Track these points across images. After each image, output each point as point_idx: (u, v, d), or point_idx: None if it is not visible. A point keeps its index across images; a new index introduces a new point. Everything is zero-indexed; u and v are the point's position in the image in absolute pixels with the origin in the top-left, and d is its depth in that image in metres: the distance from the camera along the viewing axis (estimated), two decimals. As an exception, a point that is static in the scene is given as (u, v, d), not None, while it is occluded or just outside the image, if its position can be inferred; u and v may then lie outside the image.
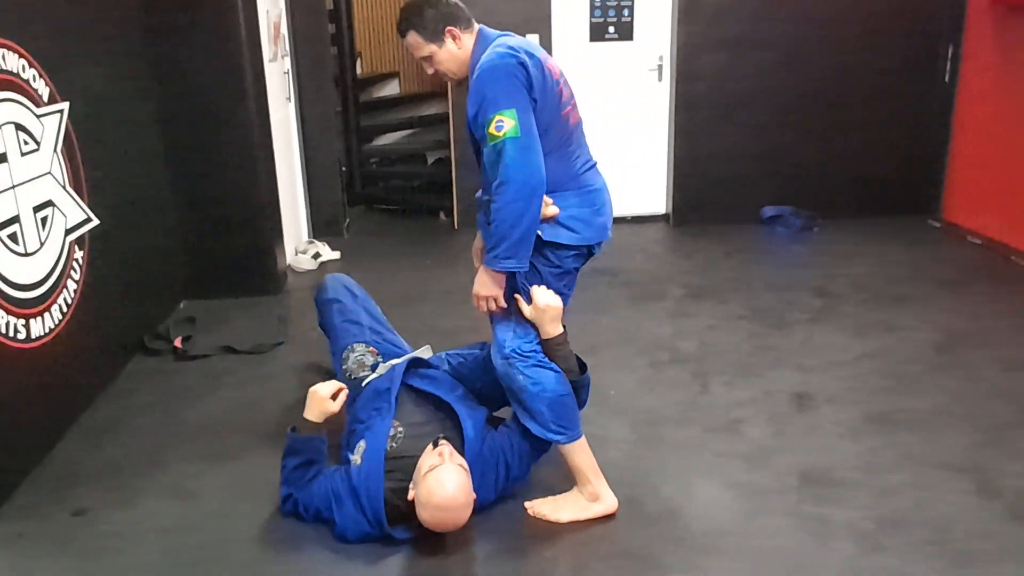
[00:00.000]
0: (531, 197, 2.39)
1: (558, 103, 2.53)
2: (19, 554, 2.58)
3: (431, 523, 2.42)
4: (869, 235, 5.75)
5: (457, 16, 2.55)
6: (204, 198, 4.63)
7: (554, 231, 2.57)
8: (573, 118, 2.62)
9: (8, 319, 2.91)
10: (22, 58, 3.10)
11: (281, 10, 5.51)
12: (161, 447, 3.20)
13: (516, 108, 2.38)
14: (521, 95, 2.40)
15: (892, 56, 5.91)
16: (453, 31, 2.53)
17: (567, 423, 2.63)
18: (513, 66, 2.41)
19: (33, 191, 3.14)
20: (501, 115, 2.37)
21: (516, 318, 2.62)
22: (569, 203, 2.59)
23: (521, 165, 2.37)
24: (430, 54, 2.56)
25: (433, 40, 2.54)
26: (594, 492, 2.67)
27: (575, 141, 2.63)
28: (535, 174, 2.39)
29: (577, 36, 5.99)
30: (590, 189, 2.64)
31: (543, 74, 2.48)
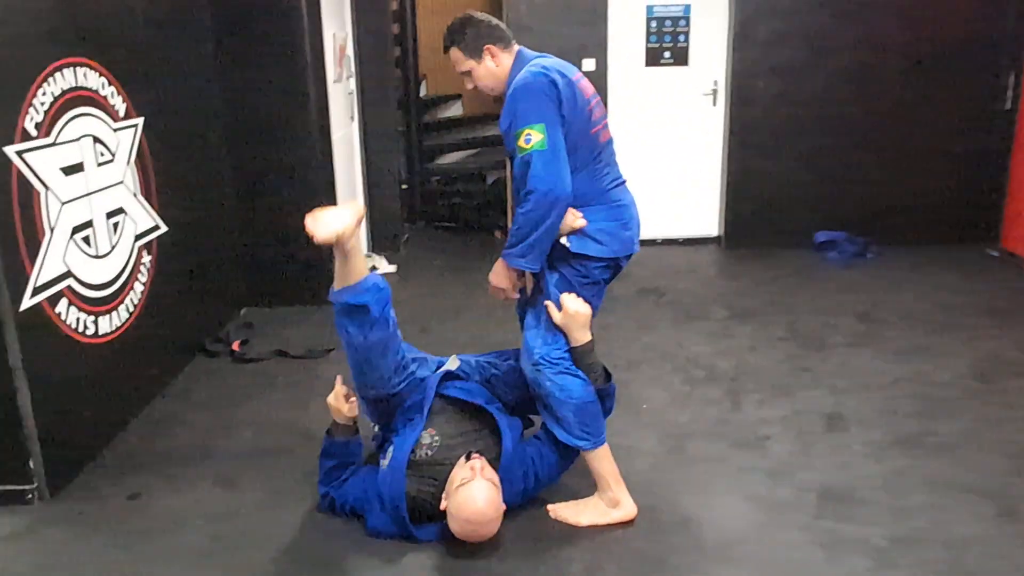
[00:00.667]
0: (552, 207, 2.55)
1: (588, 121, 2.68)
2: (78, 531, 2.81)
3: (460, 534, 2.56)
4: (923, 263, 5.69)
5: (496, 36, 2.74)
6: (265, 211, 4.89)
7: (582, 243, 2.70)
8: (603, 136, 2.76)
9: (80, 315, 3.17)
10: (102, 76, 3.38)
11: (347, 33, 5.78)
12: (213, 441, 3.42)
13: (544, 123, 2.55)
14: (550, 111, 2.57)
15: (952, 84, 5.87)
16: (491, 49, 2.73)
17: (592, 429, 2.73)
18: (545, 84, 2.58)
19: (107, 198, 3.41)
20: (530, 129, 2.54)
21: (546, 326, 2.75)
22: (597, 217, 2.72)
23: (545, 176, 2.53)
24: (469, 69, 2.77)
25: (472, 56, 2.74)
26: (614, 498, 2.77)
27: (605, 158, 2.76)
28: (558, 185, 2.54)
29: (633, 61, 6.12)
30: (618, 204, 2.77)
31: (574, 93, 2.63)
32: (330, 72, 5.20)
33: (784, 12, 5.79)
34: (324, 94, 5.02)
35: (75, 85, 3.19)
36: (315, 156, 4.86)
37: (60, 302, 3.05)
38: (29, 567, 2.61)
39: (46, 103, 3.00)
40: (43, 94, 2.99)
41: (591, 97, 2.73)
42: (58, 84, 3.08)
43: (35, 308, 2.90)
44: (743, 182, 6.12)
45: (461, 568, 2.56)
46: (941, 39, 5.78)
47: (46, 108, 3.00)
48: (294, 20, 4.63)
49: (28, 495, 2.91)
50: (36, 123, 2.94)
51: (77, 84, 3.20)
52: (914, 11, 5.75)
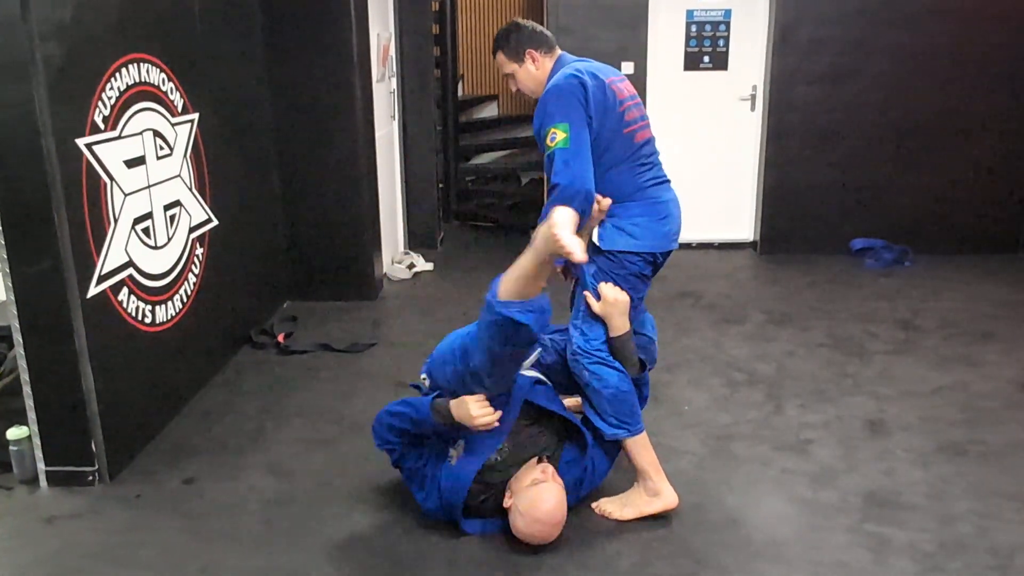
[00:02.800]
0: (571, 200, 2.63)
1: (620, 121, 2.78)
2: (137, 512, 2.89)
3: (525, 533, 2.59)
4: (963, 271, 5.68)
5: (538, 42, 2.91)
6: (310, 206, 4.97)
7: (612, 238, 2.81)
8: (640, 136, 2.84)
9: (139, 304, 3.25)
10: (163, 72, 3.47)
11: (391, 33, 5.85)
12: (262, 429, 3.49)
13: (569, 123, 2.68)
14: (576, 112, 2.70)
15: (991, 92, 5.84)
16: (533, 53, 2.90)
17: (627, 418, 2.80)
18: (573, 86, 2.72)
19: (165, 191, 3.49)
20: (555, 128, 2.68)
21: (583, 317, 2.84)
22: (631, 212, 2.82)
23: (564, 173, 2.64)
24: (512, 72, 2.95)
25: (515, 60, 2.93)
26: (655, 487, 2.82)
27: (643, 157, 2.85)
28: (575, 181, 2.63)
29: (672, 65, 6.14)
30: (655, 201, 2.85)
31: (605, 94, 2.75)
32: (374, 71, 5.27)
33: (825, 18, 5.80)
34: (369, 92, 5.09)
35: (139, 80, 3.28)
36: (359, 153, 4.93)
37: (122, 291, 3.13)
38: (93, 547, 2.69)
39: (113, 98, 3.09)
40: (110, 89, 3.07)
41: (627, 98, 2.83)
42: (124, 79, 3.16)
43: (100, 296, 2.98)
44: (780, 187, 6.13)
45: (513, 562, 2.60)
46: (983, 47, 5.76)
47: (112, 102, 3.09)
48: (342, 19, 4.71)
49: (89, 476, 3.00)
50: (104, 117, 3.03)
51: (141, 80, 3.29)
52: (955, 19, 5.73)
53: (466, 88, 8.51)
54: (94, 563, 2.62)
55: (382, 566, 2.60)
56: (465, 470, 2.67)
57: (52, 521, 2.84)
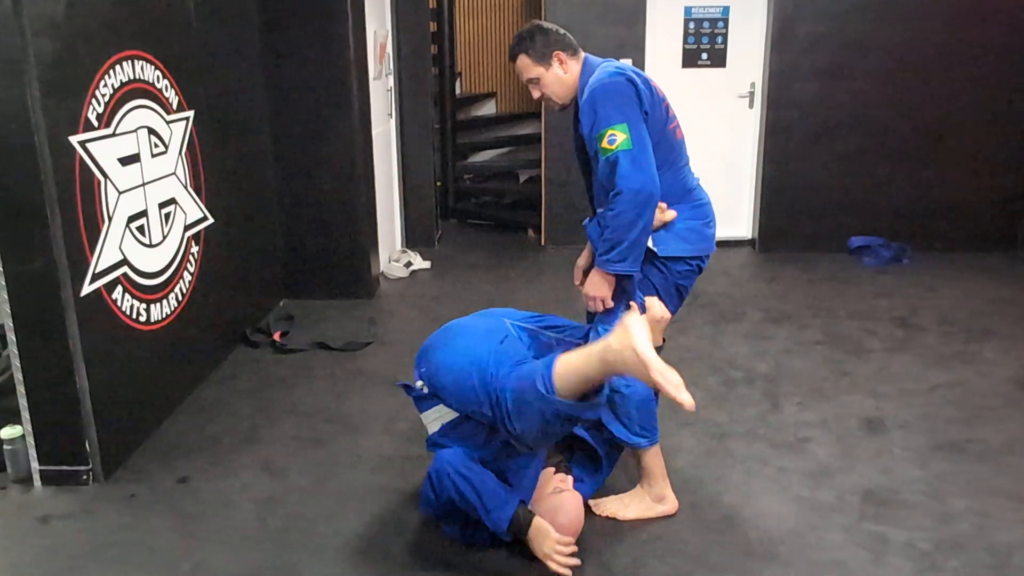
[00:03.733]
0: (644, 205, 2.54)
1: (666, 118, 2.70)
2: (131, 511, 2.88)
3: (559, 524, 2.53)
4: (960, 269, 5.67)
5: (565, 43, 2.75)
6: (307, 204, 4.96)
7: (668, 244, 2.71)
8: (678, 134, 2.78)
9: (134, 302, 3.24)
10: (158, 69, 3.45)
11: (388, 31, 5.83)
12: (257, 428, 3.48)
13: (628, 122, 2.55)
14: (632, 109, 2.57)
15: (990, 90, 5.83)
16: (560, 56, 2.73)
17: (649, 428, 2.78)
18: (623, 83, 2.60)
19: (160, 189, 3.48)
20: (613, 129, 2.54)
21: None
22: (684, 215, 2.74)
23: (633, 175, 2.52)
24: (538, 76, 2.76)
25: (541, 63, 2.74)
26: (660, 493, 2.81)
27: (684, 157, 2.79)
28: (647, 184, 2.53)
29: (670, 62, 6.13)
30: (701, 203, 2.80)
31: (651, 90, 2.66)
32: (371, 68, 5.25)
33: (823, 15, 5.78)
34: (366, 90, 5.07)
35: (133, 77, 3.26)
36: (356, 151, 4.92)
37: (116, 289, 3.12)
38: (86, 546, 2.68)
39: (107, 94, 3.07)
40: (104, 86, 3.06)
41: (663, 96, 2.75)
42: (118, 76, 3.15)
43: (94, 294, 2.97)
44: (778, 185, 6.12)
45: (506, 560, 2.59)
46: (980, 44, 5.75)
47: (107, 99, 3.07)
48: (339, 16, 4.69)
49: (83, 476, 2.99)
50: (97, 114, 3.01)
51: (135, 77, 3.27)
52: (953, 16, 5.72)
53: (464, 86, 8.49)
54: (88, 562, 2.60)
55: (375, 565, 2.58)
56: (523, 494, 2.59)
57: (46, 520, 2.83)
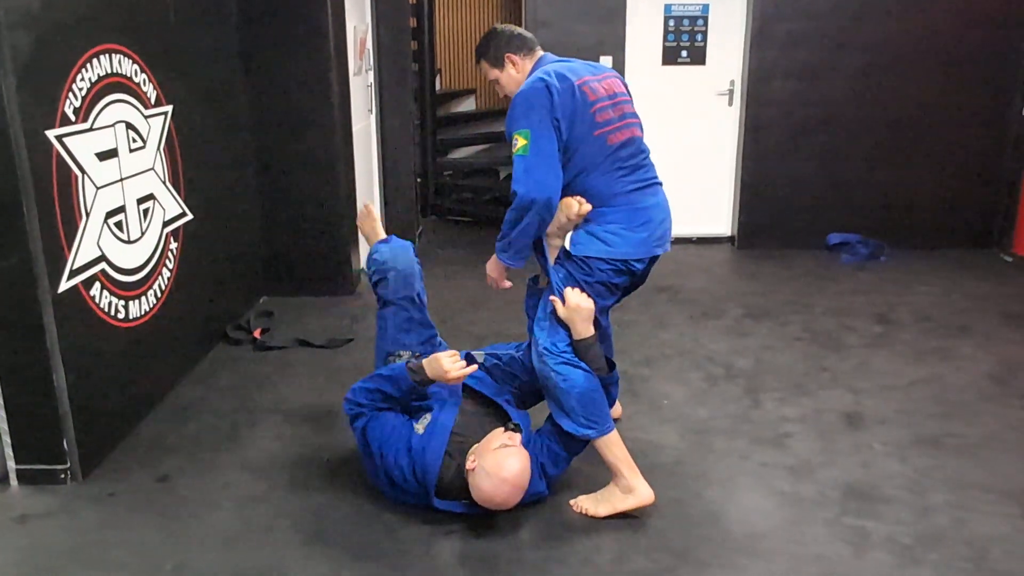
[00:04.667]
0: (527, 209, 2.68)
1: (592, 124, 2.74)
2: (110, 511, 2.85)
3: (488, 493, 2.58)
4: (937, 266, 5.73)
5: (516, 45, 2.91)
6: (287, 200, 4.92)
7: (583, 245, 2.79)
8: (615, 138, 2.79)
9: (112, 299, 3.20)
10: (136, 63, 3.41)
11: (368, 26, 5.80)
12: (238, 426, 3.45)
13: (530, 128, 2.67)
14: (537, 117, 2.68)
15: (967, 88, 5.89)
16: (512, 57, 2.91)
17: (596, 418, 2.79)
18: (539, 90, 2.71)
19: (138, 185, 3.43)
20: (517, 134, 2.70)
21: (551, 319, 2.82)
22: (606, 218, 2.80)
23: (522, 180, 2.67)
24: (496, 78, 2.97)
25: (496, 66, 2.94)
26: (628, 484, 2.81)
27: (620, 160, 2.80)
28: (533, 190, 2.66)
29: (650, 59, 6.14)
30: (636, 207, 2.81)
31: (573, 97, 2.71)
32: (352, 64, 5.22)
33: (801, 14, 5.82)
34: (346, 86, 5.04)
35: (111, 71, 3.22)
36: (336, 147, 4.89)
37: (94, 285, 3.08)
38: (64, 546, 2.65)
39: (84, 89, 3.03)
40: (81, 80, 3.01)
41: (601, 99, 2.77)
42: (95, 70, 3.10)
43: (71, 291, 2.93)
44: (757, 182, 6.15)
45: (492, 556, 2.59)
46: (958, 43, 5.81)
47: (84, 94, 3.03)
48: (318, 11, 4.65)
49: (61, 474, 2.95)
50: (75, 108, 2.97)
51: (113, 71, 3.23)
52: (931, 15, 5.77)
53: (444, 82, 8.47)
54: (67, 562, 2.57)
55: (359, 562, 2.57)
56: (438, 434, 2.72)
57: (23, 520, 2.79)
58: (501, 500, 2.59)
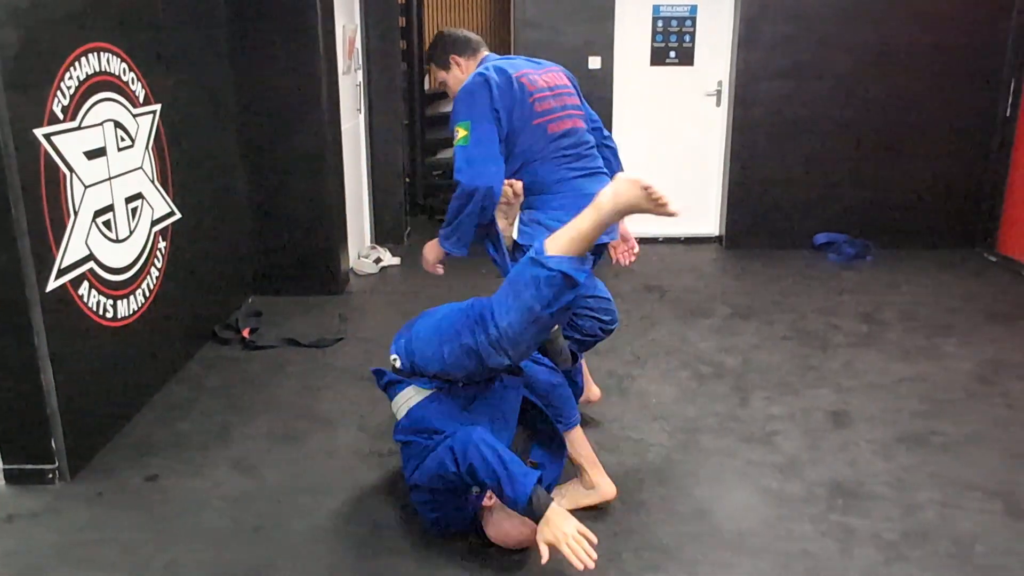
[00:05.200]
0: (469, 197, 2.76)
1: (531, 113, 2.83)
2: (99, 510, 2.84)
3: (506, 531, 2.49)
4: (922, 266, 5.78)
5: (460, 47, 3.03)
6: (276, 200, 4.92)
7: (528, 234, 2.84)
8: (556, 127, 2.87)
9: (100, 298, 3.19)
10: (124, 62, 3.40)
11: (356, 25, 5.80)
12: (227, 426, 3.44)
13: (470, 120, 2.77)
14: (477, 109, 2.77)
15: (953, 90, 5.95)
16: (456, 59, 3.02)
17: (563, 412, 2.82)
18: (478, 83, 2.80)
19: (126, 183, 3.42)
20: (458, 126, 2.80)
21: None
22: (550, 205, 2.86)
23: (465, 169, 2.76)
24: (443, 79, 3.09)
25: (443, 67, 3.06)
26: (590, 480, 2.83)
27: (564, 149, 2.89)
28: (474, 179, 2.74)
29: (639, 60, 6.16)
30: (580, 194, 2.83)
31: (512, 88, 2.80)
32: (340, 63, 5.22)
33: (789, 15, 5.85)
34: (335, 85, 5.04)
35: (99, 70, 3.21)
36: (325, 146, 4.88)
37: (82, 285, 3.07)
38: (53, 546, 2.64)
39: (72, 87, 3.02)
40: (69, 78, 3.00)
41: (540, 89, 2.86)
42: (83, 69, 3.09)
43: (59, 290, 2.92)
44: (745, 182, 6.18)
45: (481, 556, 2.59)
46: (944, 45, 5.85)
47: (72, 92, 3.02)
48: (307, 10, 4.65)
49: (49, 475, 2.94)
50: (63, 107, 2.96)
51: (101, 69, 3.22)
52: (916, 17, 5.82)
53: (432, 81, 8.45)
54: (55, 562, 2.56)
55: (349, 562, 2.57)
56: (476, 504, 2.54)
57: (11, 520, 2.78)
58: (518, 541, 2.52)
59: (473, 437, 2.39)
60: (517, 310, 2.40)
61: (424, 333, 2.66)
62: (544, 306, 2.37)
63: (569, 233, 2.39)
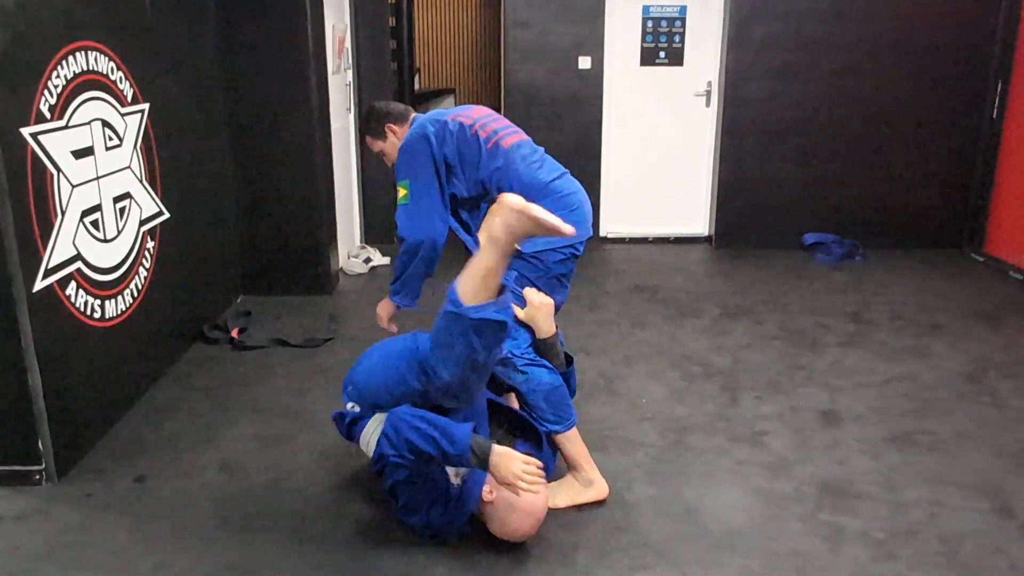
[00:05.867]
0: (415, 252, 2.90)
1: (479, 142, 2.90)
2: (86, 511, 2.82)
3: (514, 526, 2.53)
4: (910, 266, 5.81)
5: (395, 116, 3.13)
6: (265, 199, 4.90)
7: (532, 241, 2.79)
8: (507, 142, 2.94)
9: (87, 298, 3.17)
10: (112, 60, 3.38)
11: (346, 25, 5.79)
12: (216, 426, 3.43)
13: (409, 179, 2.88)
14: (416, 165, 2.87)
15: (941, 90, 5.98)
16: (391, 127, 3.12)
17: (562, 413, 2.84)
18: (415, 139, 2.90)
19: (114, 183, 3.40)
20: (399, 185, 2.90)
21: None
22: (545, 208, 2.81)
23: (408, 226, 2.88)
24: (380, 149, 3.18)
25: (379, 138, 3.16)
26: (587, 478, 2.86)
27: (526, 156, 2.93)
28: (416, 233, 2.87)
29: (629, 60, 6.18)
30: (563, 194, 2.91)
31: (449, 133, 2.88)
32: (330, 62, 5.21)
33: (778, 15, 5.88)
34: (325, 84, 5.03)
35: (87, 69, 3.19)
36: (315, 145, 4.87)
37: (70, 285, 3.05)
38: (40, 547, 2.62)
39: (59, 86, 3.00)
40: (56, 77, 2.98)
41: (477, 119, 2.95)
42: (71, 67, 3.08)
43: (46, 290, 2.90)
44: (734, 183, 6.20)
45: (471, 555, 2.59)
46: (931, 46, 5.89)
47: (59, 91, 3.00)
48: (297, 9, 4.64)
49: (36, 476, 2.92)
50: (50, 106, 2.94)
51: (89, 68, 3.20)
52: (904, 18, 5.85)
53: (423, 81, 8.45)
54: (42, 564, 2.54)
55: (338, 562, 2.56)
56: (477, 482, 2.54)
57: (-3, 522, 2.76)
58: (524, 533, 2.55)
59: (398, 415, 2.46)
60: (454, 362, 2.44)
61: (369, 380, 2.70)
62: (481, 352, 2.41)
63: (476, 274, 2.37)
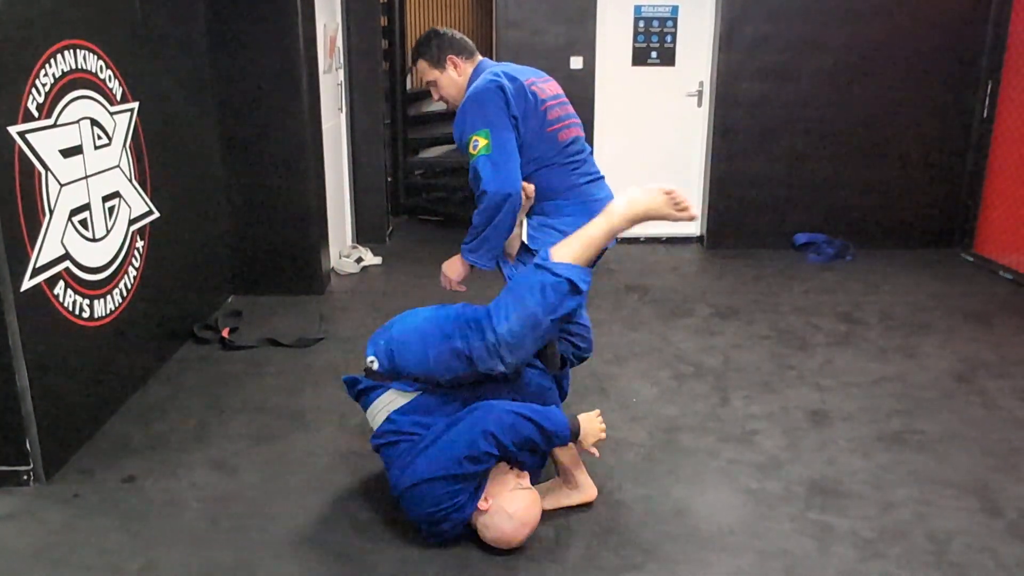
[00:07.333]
0: (500, 206, 2.70)
1: (543, 121, 2.81)
2: (75, 512, 2.81)
3: (508, 535, 2.51)
4: (901, 266, 5.83)
5: (459, 48, 2.92)
6: (256, 199, 4.89)
7: (542, 239, 2.83)
8: (564, 135, 2.87)
9: (76, 298, 3.16)
10: (101, 59, 3.37)
11: (338, 24, 5.78)
12: (207, 426, 3.42)
13: (489, 128, 2.69)
14: (495, 115, 2.71)
15: (931, 91, 6.00)
16: (454, 59, 2.91)
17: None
18: (491, 90, 2.73)
19: (103, 182, 3.39)
20: (476, 135, 2.70)
21: None
22: (562, 211, 2.86)
23: (493, 178, 2.67)
24: (434, 79, 2.94)
25: (437, 66, 2.92)
26: (575, 481, 2.84)
27: (572, 155, 2.88)
28: (504, 186, 2.68)
29: (620, 60, 6.18)
30: (588, 199, 2.87)
31: (525, 96, 2.77)
32: (322, 62, 5.20)
33: (770, 15, 5.89)
34: (316, 83, 5.02)
35: (75, 67, 3.17)
36: (306, 145, 4.86)
37: (58, 284, 3.04)
38: (28, 548, 2.61)
39: (47, 84, 2.99)
40: (44, 75, 2.97)
41: (548, 98, 2.85)
42: (59, 66, 3.06)
43: (34, 289, 2.88)
44: (726, 183, 6.21)
45: (463, 556, 2.59)
46: (921, 46, 5.91)
47: (47, 89, 2.99)
48: (288, 8, 4.63)
49: (24, 476, 2.91)
50: (38, 104, 2.93)
51: (77, 66, 3.19)
52: (895, 19, 5.87)
53: (416, 81, 8.44)
54: (31, 565, 2.53)
55: (330, 563, 2.56)
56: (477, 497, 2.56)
57: (-16, 523, 2.75)
58: (517, 541, 2.55)
59: (498, 409, 2.49)
60: (518, 316, 2.46)
61: (406, 335, 2.66)
62: (547, 312, 2.43)
63: (579, 240, 2.45)
